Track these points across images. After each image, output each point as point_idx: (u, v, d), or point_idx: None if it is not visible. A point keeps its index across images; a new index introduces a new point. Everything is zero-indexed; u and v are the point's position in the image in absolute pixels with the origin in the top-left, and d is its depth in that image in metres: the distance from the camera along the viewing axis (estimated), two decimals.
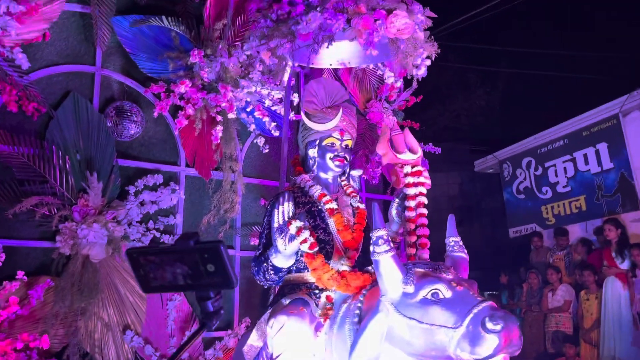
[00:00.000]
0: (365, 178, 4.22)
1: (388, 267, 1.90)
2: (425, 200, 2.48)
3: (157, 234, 3.36)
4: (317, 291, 2.32)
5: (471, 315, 1.71)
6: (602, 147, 7.71)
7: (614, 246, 6.60)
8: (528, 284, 7.81)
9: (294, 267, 2.42)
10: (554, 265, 7.57)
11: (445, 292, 1.81)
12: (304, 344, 2.06)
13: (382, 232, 1.94)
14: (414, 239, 2.41)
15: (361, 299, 2.08)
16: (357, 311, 2.04)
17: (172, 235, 3.43)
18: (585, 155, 7.97)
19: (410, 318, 1.83)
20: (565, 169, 8.29)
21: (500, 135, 9.66)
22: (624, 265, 6.40)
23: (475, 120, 11.49)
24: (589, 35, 9.98)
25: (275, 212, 2.21)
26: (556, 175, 8.45)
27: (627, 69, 9.43)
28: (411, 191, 2.45)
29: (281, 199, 2.23)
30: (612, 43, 9.74)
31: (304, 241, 2.14)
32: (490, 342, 1.64)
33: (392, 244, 1.94)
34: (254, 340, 2.37)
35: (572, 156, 8.16)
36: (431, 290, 1.82)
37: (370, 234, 1.96)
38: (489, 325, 1.65)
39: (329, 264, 2.28)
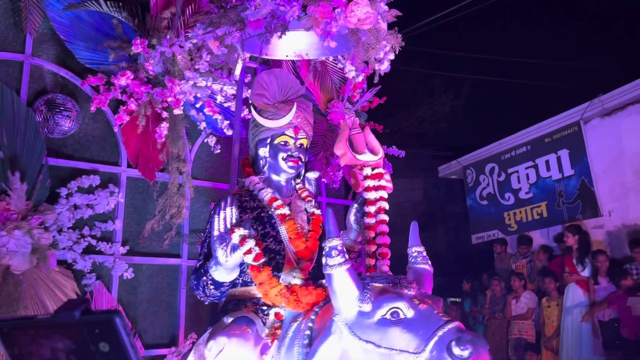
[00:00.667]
0: (326, 182, 3.99)
1: (342, 282, 1.66)
2: (386, 205, 2.26)
3: (94, 242, 3.03)
4: (264, 307, 2.07)
5: (435, 338, 1.49)
6: (564, 153, 7.74)
7: (575, 253, 6.58)
8: (491, 291, 7.75)
9: (240, 281, 2.16)
10: (517, 272, 7.54)
11: (406, 311, 1.58)
12: None
13: (336, 242, 1.70)
14: (373, 248, 2.18)
15: (312, 317, 1.83)
16: (308, 332, 1.79)
17: (110, 242, 3.10)
18: (547, 162, 7.98)
19: (366, 341, 1.59)
20: (527, 175, 8.29)
21: (464, 141, 9.64)
22: (585, 273, 6.38)
23: (440, 126, 11.48)
24: (553, 43, 10.10)
25: (216, 219, 1.94)
26: (519, 182, 8.44)
27: (589, 77, 9.57)
28: (371, 195, 2.23)
29: (223, 204, 1.96)
30: (575, 51, 9.86)
31: (249, 252, 1.88)
32: None
33: (347, 256, 1.70)
34: None
35: (535, 162, 8.16)
36: (390, 309, 1.59)
37: (323, 244, 1.72)
38: (456, 350, 1.43)
39: (279, 277, 2.03)
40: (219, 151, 3.52)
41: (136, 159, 3.25)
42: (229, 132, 3.44)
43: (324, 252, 1.71)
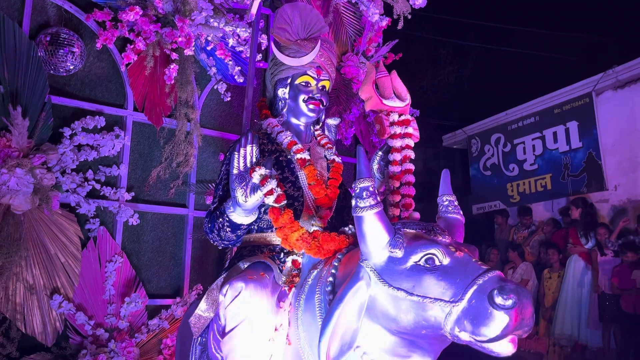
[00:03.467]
0: (339, 138, 3.85)
1: (372, 225, 1.54)
2: (412, 154, 2.12)
3: (98, 186, 2.89)
4: (281, 255, 1.96)
5: (474, 287, 1.38)
6: (573, 125, 7.61)
7: (580, 226, 6.54)
8: (489, 262, 7.73)
9: (256, 226, 2.05)
10: (517, 243, 7.52)
11: (442, 258, 1.47)
12: (263, 315, 1.69)
13: (367, 183, 1.57)
14: (398, 198, 2.06)
15: (335, 264, 1.72)
16: (331, 279, 1.68)
17: (114, 188, 2.97)
18: (554, 134, 7.87)
19: (397, 288, 1.48)
20: (533, 146, 8.18)
21: (469, 111, 9.47)
22: (589, 245, 6.35)
23: (445, 95, 11.27)
24: (566, 14, 9.82)
25: (235, 156, 1.81)
26: (524, 153, 8.33)
27: (602, 49, 9.36)
28: (397, 143, 2.09)
29: (243, 141, 1.82)
30: (589, 23, 9.61)
31: (270, 193, 1.76)
32: (498, 321, 1.32)
33: (378, 198, 1.58)
34: (202, 309, 1.99)
35: (542, 134, 8.04)
36: (425, 255, 1.48)
37: (353, 185, 1.59)
38: (498, 300, 1.32)
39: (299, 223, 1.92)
40: (229, 99, 3.37)
41: (143, 103, 3.09)
42: (240, 80, 3.28)
43: (354, 194, 1.59)
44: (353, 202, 1.58)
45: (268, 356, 1.71)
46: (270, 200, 1.77)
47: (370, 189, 1.57)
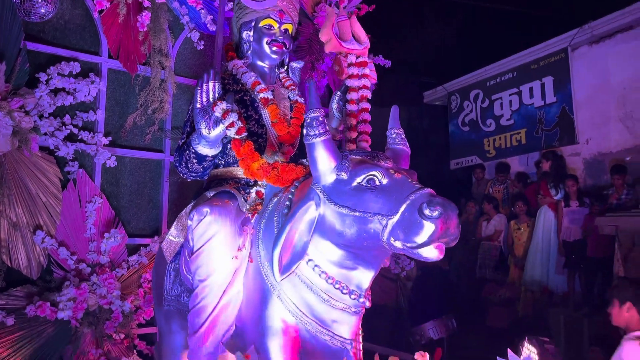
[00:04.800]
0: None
1: (322, 151, 1.72)
2: (369, 94, 2.28)
3: (75, 131, 3.01)
4: (247, 187, 2.13)
5: (408, 202, 1.57)
6: (548, 80, 7.76)
7: (549, 178, 6.79)
8: (466, 214, 8.01)
9: (222, 161, 2.20)
10: (492, 196, 7.77)
11: (381, 178, 1.65)
12: (227, 236, 1.88)
13: (317, 114, 1.74)
14: (354, 135, 2.23)
15: (292, 190, 1.90)
16: (287, 203, 1.86)
17: (92, 132, 3.10)
18: (531, 89, 8.02)
19: (342, 206, 1.67)
20: (510, 102, 8.35)
21: (450, 67, 9.53)
22: (558, 197, 6.61)
23: (428, 53, 11.28)
24: None
25: (198, 92, 1.95)
26: (501, 108, 8.50)
27: (579, 3, 9.39)
28: (354, 83, 2.24)
29: (205, 77, 1.96)
30: None
31: (231, 125, 1.91)
32: (426, 229, 1.51)
33: (327, 127, 1.75)
34: (173, 235, 2.17)
35: (519, 89, 8.20)
36: (366, 176, 1.66)
37: (305, 115, 1.75)
38: (426, 211, 1.51)
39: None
40: (202, 48, 3.46)
41: (117, 50, 3.17)
42: (212, 28, 3.37)
43: (305, 123, 1.75)
44: (304, 131, 1.75)
45: (232, 272, 1.90)
46: (231, 133, 1.93)
47: (320, 119, 1.73)
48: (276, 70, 2.44)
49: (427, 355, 2.08)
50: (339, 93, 2.28)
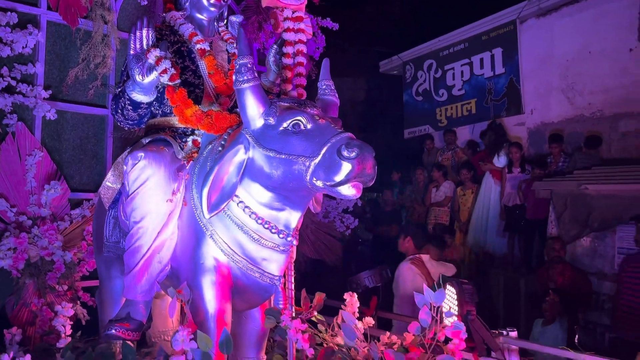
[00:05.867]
0: (258, 48, 4.00)
1: (250, 97, 1.80)
2: (304, 48, 2.35)
3: (14, 83, 2.97)
4: (183, 136, 2.19)
5: (328, 144, 1.68)
6: (498, 52, 8.00)
7: (492, 146, 7.10)
8: (416, 181, 8.27)
9: (160, 111, 2.25)
10: (441, 163, 8.03)
11: (306, 123, 1.75)
12: (161, 180, 1.94)
13: (246, 60, 1.81)
14: (289, 87, 2.30)
15: (225, 137, 1.98)
16: (220, 148, 1.94)
17: (31, 85, 3.06)
18: (481, 60, 8.25)
19: (269, 149, 1.77)
20: (462, 72, 8.57)
21: (406, 37, 9.65)
22: (501, 163, 6.91)
23: (385, 22, 11.36)
24: None
25: (132, 39, 1.99)
26: (453, 79, 8.72)
27: None
28: (290, 37, 2.30)
29: (139, 24, 1.99)
30: None
31: (164, 72, 1.96)
32: (344, 169, 1.63)
33: (256, 74, 1.83)
34: (110, 181, 2.23)
35: (470, 60, 8.41)
36: (292, 121, 1.76)
37: (234, 62, 1.82)
38: (344, 152, 1.63)
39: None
40: (146, 3, 3.43)
41: (57, 2, 3.11)
42: None
43: (234, 70, 1.82)
44: (234, 77, 1.82)
45: (166, 214, 1.97)
46: (165, 79, 1.98)
47: (249, 65, 1.81)
48: (215, 23, 2.47)
49: (355, 295, 2.23)
50: (275, 46, 2.35)
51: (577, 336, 3.66)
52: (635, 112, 6.42)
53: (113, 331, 1.85)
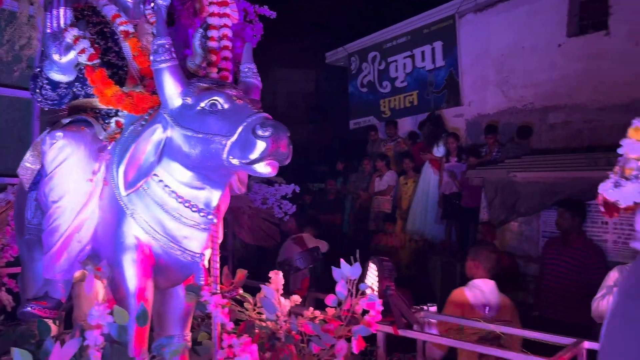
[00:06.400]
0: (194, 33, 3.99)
1: (168, 77, 1.83)
2: (230, 33, 2.40)
3: None
4: (107, 117, 2.19)
5: (244, 124, 1.73)
6: (438, 45, 8.26)
7: (431, 136, 7.35)
8: (361, 171, 8.44)
9: (83, 92, 2.23)
10: (384, 154, 8.24)
11: (223, 103, 1.80)
12: (80, 160, 1.95)
13: (163, 40, 1.84)
14: (215, 71, 2.34)
15: (146, 117, 2.00)
16: (140, 129, 1.96)
17: None
18: (423, 53, 8.49)
19: (187, 128, 1.81)
20: (404, 64, 8.79)
21: (351, 28, 9.79)
22: (439, 153, 7.17)
23: (331, 13, 11.45)
24: None
25: (48, 17, 1.97)
26: (396, 71, 8.94)
27: None
28: (214, 21, 2.35)
29: (54, 2, 1.98)
30: None
31: (82, 51, 1.96)
32: (258, 147, 1.69)
33: (174, 55, 1.86)
34: (29, 162, 2.20)
35: (412, 52, 8.64)
36: (210, 101, 1.80)
37: (151, 42, 1.85)
38: (259, 131, 1.69)
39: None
40: None
41: None
42: None
43: (151, 50, 1.85)
44: (151, 57, 1.85)
45: (86, 194, 1.98)
46: (83, 59, 1.98)
47: (166, 45, 1.84)
48: (142, 6, 2.47)
49: (281, 273, 2.31)
50: (200, 30, 2.38)
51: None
52: (562, 104, 6.81)
53: (29, 309, 1.85)
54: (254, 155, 1.69)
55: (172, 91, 1.83)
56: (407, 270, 7.14)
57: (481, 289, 3.25)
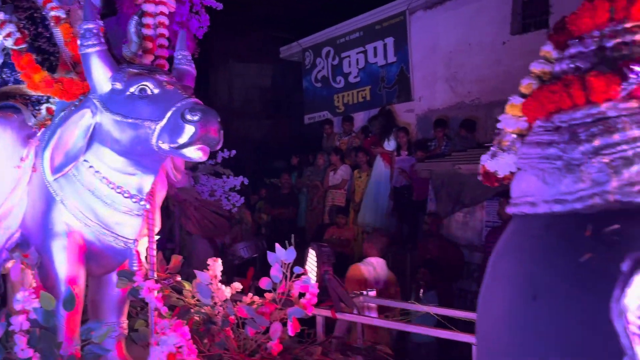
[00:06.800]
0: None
1: (96, 62, 1.83)
2: (166, 21, 2.40)
3: None
4: (37, 103, 2.16)
5: (174, 109, 1.76)
6: (390, 41, 8.39)
7: (382, 131, 7.49)
8: (316, 165, 8.51)
9: (12, 78, 2.19)
10: (339, 148, 8.33)
11: (153, 89, 1.82)
12: (7, 147, 1.92)
13: (91, 25, 1.83)
14: (151, 58, 2.34)
15: (76, 102, 1.99)
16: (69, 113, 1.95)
17: None
18: (375, 48, 8.61)
19: (117, 113, 1.81)
20: (357, 60, 8.89)
21: (305, 23, 9.82)
22: (390, 147, 7.32)
23: (285, 8, 11.44)
24: None
25: None
26: (349, 66, 9.03)
27: None
28: (150, 9, 2.34)
29: None
30: None
31: (8, 35, 1.93)
32: (187, 131, 1.71)
33: (102, 40, 1.86)
34: None
35: (365, 48, 8.74)
36: (139, 86, 1.82)
37: (78, 27, 1.84)
38: (188, 116, 1.71)
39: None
40: None
41: None
42: None
43: (79, 35, 1.84)
44: (78, 42, 1.84)
45: (13, 181, 1.95)
46: (9, 43, 1.95)
47: (94, 30, 1.84)
48: None
49: (220, 260, 2.34)
50: (136, 17, 2.36)
51: (421, 291, 4.24)
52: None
53: None
54: (183, 140, 1.72)
55: (101, 76, 1.83)
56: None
57: (374, 265, 3.90)
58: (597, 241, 0.75)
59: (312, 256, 2.56)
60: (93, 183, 1.92)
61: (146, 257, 2.11)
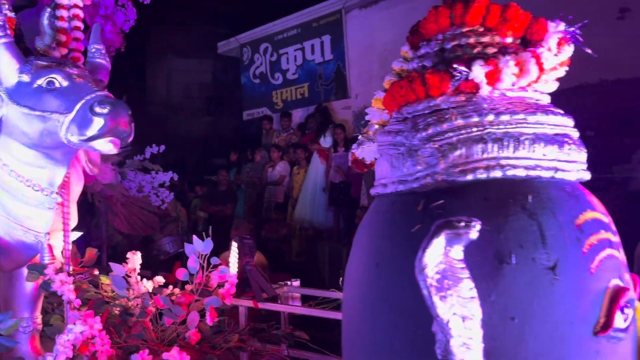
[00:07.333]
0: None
1: (3, 54, 1.81)
2: (81, 14, 2.38)
3: None
4: None
5: (83, 101, 1.77)
6: (327, 39, 8.52)
7: (318, 128, 7.61)
8: (255, 161, 8.53)
9: None
10: (278, 144, 8.39)
11: (61, 81, 1.82)
12: None
13: None
14: (65, 52, 2.31)
15: None
16: None
17: None
18: (312, 46, 8.71)
19: (24, 106, 1.80)
20: (295, 57, 8.97)
21: (243, 19, 9.79)
22: (327, 143, 7.45)
23: (223, 3, 11.34)
24: None
25: None
26: (287, 63, 9.09)
27: None
28: (64, 1, 2.31)
29: None
30: None
31: None
32: (96, 124, 1.73)
33: (8, 32, 1.84)
34: None
35: (302, 45, 8.84)
36: (47, 79, 1.81)
37: None
38: (97, 109, 1.73)
39: None
40: None
41: None
42: None
43: None
44: None
45: None
46: None
47: (0, 22, 1.81)
48: None
49: (139, 253, 2.34)
50: (48, 9, 2.33)
51: (341, 279, 4.32)
52: None
53: None
54: (91, 132, 1.73)
55: (7, 68, 1.81)
56: (297, 258, 7.35)
57: None
58: (426, 215, 0.88)
59: (234, 248, 2.62)
60: (1, 176, 1.89)
61: (61, 251, 2.10)
